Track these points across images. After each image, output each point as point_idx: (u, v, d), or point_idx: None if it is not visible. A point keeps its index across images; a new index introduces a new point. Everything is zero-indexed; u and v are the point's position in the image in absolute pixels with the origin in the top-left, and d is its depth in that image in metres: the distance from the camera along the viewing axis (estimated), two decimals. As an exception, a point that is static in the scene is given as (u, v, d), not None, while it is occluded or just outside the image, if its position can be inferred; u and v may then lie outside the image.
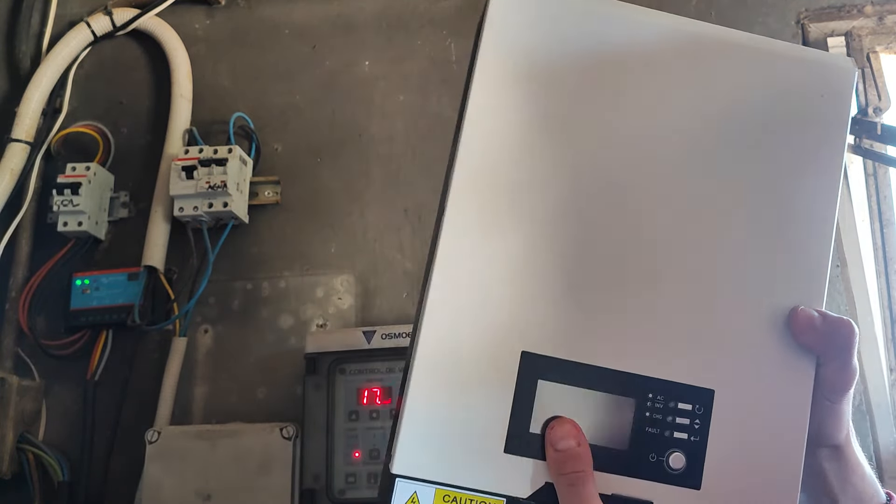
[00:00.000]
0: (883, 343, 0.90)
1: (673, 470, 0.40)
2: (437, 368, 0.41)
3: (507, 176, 0.44)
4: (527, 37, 0.45)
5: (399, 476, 0.39)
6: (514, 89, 0.45)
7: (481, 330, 0.41)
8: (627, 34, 0.46)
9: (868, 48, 0.97)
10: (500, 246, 0.42)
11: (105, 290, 0.95)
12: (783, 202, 0.44)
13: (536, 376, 0.41)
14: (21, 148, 0.97)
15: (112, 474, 0.91)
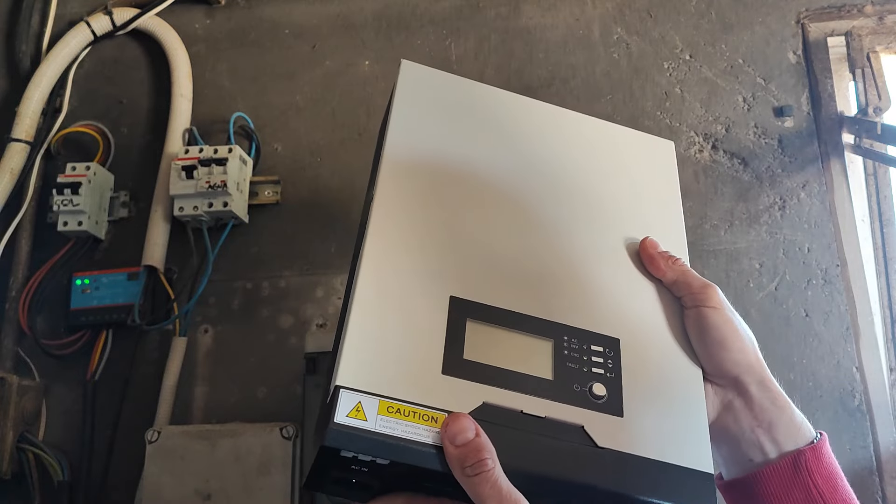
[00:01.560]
0: (883, 343, 0.90)
1: (597, 398, 0.46)
2: (379, 297, 0.46)
3: (431, 169, 0.54)
4: (428, 117, 0.58)
5: (343, 387, 0.41)
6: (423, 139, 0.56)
7: (414, 278, 0.47)
8: (497, 112, 0.61)
9: (868, 48, 0.97)
10: (432, 216, 0.51)
11: (105, 290, 0.95)
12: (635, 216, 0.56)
13: (465, 316, 0.46)
14: (21, 147, 0.98)
15: (112, 474, 0.91)
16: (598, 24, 1.02)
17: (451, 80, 0.61)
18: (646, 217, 0.56)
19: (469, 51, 1.03)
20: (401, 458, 0.40)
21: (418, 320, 0.46)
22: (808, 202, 0.93)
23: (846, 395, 0.86)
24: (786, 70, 0.98)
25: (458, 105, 0.59)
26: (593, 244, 0.53)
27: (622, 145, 0.61)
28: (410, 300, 0.46)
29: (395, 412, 0.41)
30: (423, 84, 0.61)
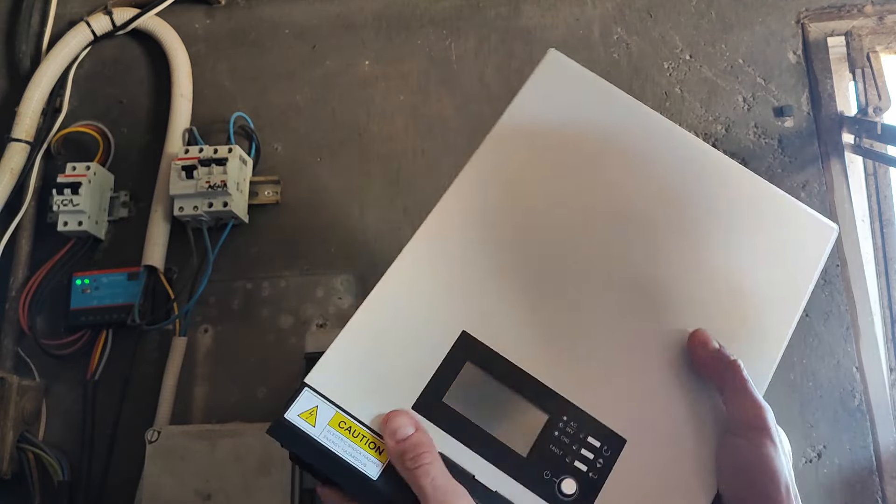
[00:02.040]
0: (883, 343, 0.90)
1: (562, 495, 0.41)
2: (383, 314, 0.43)
3: (494, 200, 0.48)
4: (557, 100, 0.51)
5: (309, 386, 0.41)
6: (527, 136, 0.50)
7: (435, 297, 0.44)
8: (645, 135, 0.51)
9: (868, 48, 0.97)
10: (473, 244, 0.46)
11: (105, 290, 0.95)
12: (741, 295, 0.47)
13: (466, 357, 0.43)
14: (21, 147, 0.97)
15: (112, 474, 0.91)
16: (598, 24, 1.02)
17: (598, 84, 0.53)
18: (745, 310, 0.46)
19: (469, 51, 1.03)
20: (330, 473, 0.40)
21: (416, 347, 0.43)
22: (808, 202, 0.92)
23: (846, 394, 0.86)
24: (786, 70, 0.98)
25: (593, 111, 0.51)
26: (657, 322, 0.45)
27: (768, 211, 0.49)
28: (419, 322, 0.43)
29: (346, 429, 0.41)
30: (562, 78, 0.53)
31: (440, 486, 0.38)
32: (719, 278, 0.47)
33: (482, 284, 0.45)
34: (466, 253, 0.45)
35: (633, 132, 0.50)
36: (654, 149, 0.50)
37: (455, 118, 1.00)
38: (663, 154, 0.50)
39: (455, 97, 1.01)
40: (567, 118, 0.50)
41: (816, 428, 0.86)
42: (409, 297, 0.44)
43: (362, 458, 0.40)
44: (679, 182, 0.49)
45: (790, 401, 0.87)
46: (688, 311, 0.45)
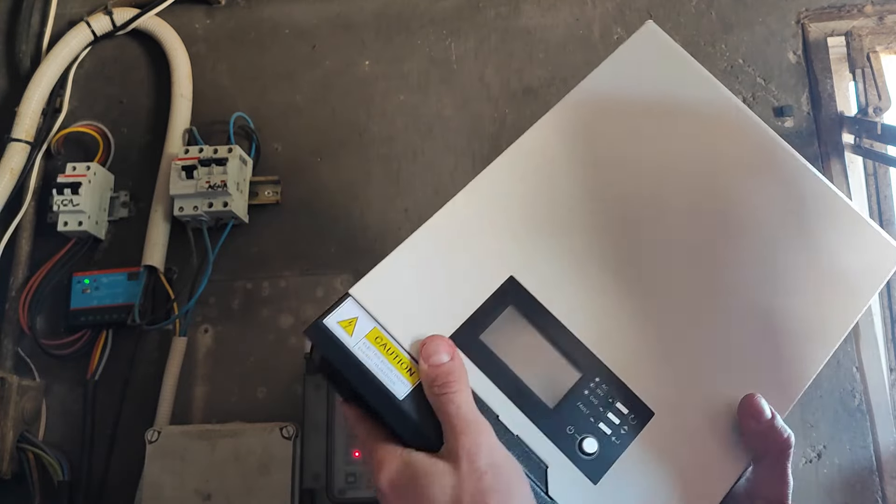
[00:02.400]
0: (883, 343, 0.90)
1: (582, 453, 0.41)
2: (437, 242, 0.44)
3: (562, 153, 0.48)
4: (634, 86, 0.51)
5: (353, 297, 0.42)
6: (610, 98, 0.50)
7: (489, 237, 0.45)
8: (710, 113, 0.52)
9: (868, 48, 0.97)
10: (535, 193, 0.46)
11: (105, 290, 0.95)
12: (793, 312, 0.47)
13: (510, 301, 0.43)
14: (21, 147, 0.97)
15: (112, 474, 0.91)
16: (598, 24, 1.03)
17: (688, 62, 0.54)
18: (793, 319, 0.46)
19: (469, 51, 1.03)
20: (357, 385, 0.40)
21: (463, 281, 0.44)
22: (808, 202, 0.93)
23: (846, 394, 0.86)
24: (786, 70, 0.98)
25: (678, 88, 0.52)
26: (710, 311, 0.45)
27: (838, 224, 0.48)
28: (470, 257, 0.44)
29: (381, 345, 0.41)
30: (653, 50, 0.53)
31: (464, 415, 0.38)
32: (776, 281, 0.47)
33: (537, 235, 0.45)
34: (527, 201, 0.46)
35: (714, 115, 0.51)
36: (735, 138, 0.50)
37: (455, 118, 1.01)
38: (742, 143, 0.50)
39: (455, 97, 1.01)
40: (651, 90, 0.51)
41: (816, 428, 0.86)
42: (464, 232, 0.45)
43: (393, 375, 0.40)
44: (753, 174, 0.49)
45: (790, 401, 0.87)
46: (739, 309, 0.45)
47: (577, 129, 0.48)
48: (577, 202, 0.46)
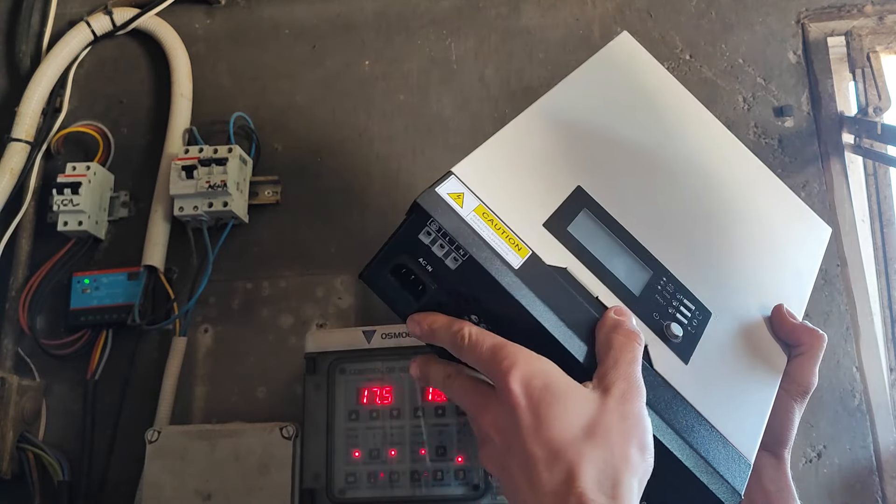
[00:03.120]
0: (883, 343, 0.90)
1: (671, 335, 0.45)
2: (530, 133, 0.48)
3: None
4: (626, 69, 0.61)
5: (455, 175, 0.43)
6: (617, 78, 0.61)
7: (571, 142, 0.50)
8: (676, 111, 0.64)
9: (868, 48, 0.97)
10: (592, 127, 0.53)
11: (105, 290, 0.95)
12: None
13: (582, 206, 0.47)
14: (21, 147, 0.98)
15: (112, 474, 0.91)
16: (599, 24, 1.02)
17: (653, 68, 0.64)
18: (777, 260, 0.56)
19: (469, 51, 1.03)
20: (477, 255, 0.40)
21: (551, 175, 0.47)
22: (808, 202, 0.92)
23: (846, 394, 0.86)
24: (786, 70, 0.98)
25: (641, 90, 0.60)
26: (738, 232, 0.55)
27: (780, 201, 0.62)
28: (556, 154, 0.48)
29: (489, 220, 0.42)
30: (625, 57, 0.62)
31: (635, 368, 0.41)
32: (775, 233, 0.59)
33: (598, 153, 0.51)
34: (590, 125, 0.52)
35: (684, 115, 0.62)
36: (702, 133, 0.62)
37: (455, 118, 1.00)
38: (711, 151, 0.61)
39: (455, 97, 1.01)
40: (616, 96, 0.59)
41: (816, 428, 0.86)
42: (551, 129, 0.49)
43: (504, 247, 0.42)
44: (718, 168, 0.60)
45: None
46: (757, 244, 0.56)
47: (611, 81, 0.58)
48: (618, 142, 0.53)
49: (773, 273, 0.55)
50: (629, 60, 0.62)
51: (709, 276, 0.50)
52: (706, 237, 0.53)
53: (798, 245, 0.59)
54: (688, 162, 0.57)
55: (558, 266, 0.43)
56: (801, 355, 0.50)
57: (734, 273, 0.52)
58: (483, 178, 0.44)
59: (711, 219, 0.54)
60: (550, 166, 0.48)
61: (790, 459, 0.51)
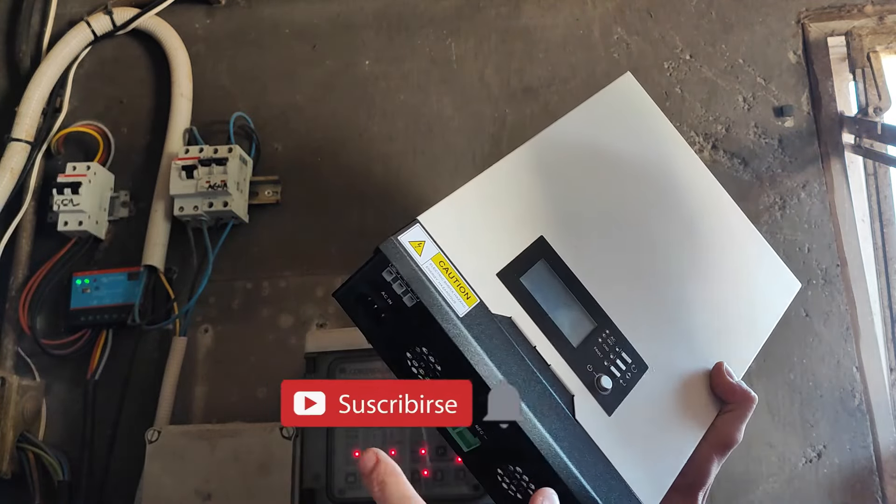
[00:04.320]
0: (883, 343, 0.90)
1: (600, 388, 0.48)
2: (495, 187, 0.51)
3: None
4: (619, 114, 0.62)
5: (421, 223, 0.47)
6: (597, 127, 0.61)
7: (533, 195, 0.52)
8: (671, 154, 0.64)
9: (868, 48, 0.97)
10: (571, 172, 0.55)
11: (105, 290, 0.95)
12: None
13: (540, 257, 0.50)
14: (21, 147, 0.98)
15: (112, 474, 0.91)
16: (599, 24, 1.03)
17: (651, 111, 0.65)
18: (738, 307, 0.58)
19: (469, 51, 1.03)
20: (425, 301, 0.44)
21: (510, 229, 0.50)
22: (808, 202, 0.93)
23: (846, 394, 0.86)
24: (786, 70, 0.98)
25: (636, 132, 0.62)
26: (699, 288, 0.57)
27: (756, 255, 0.64)
28: (516, 208, 0.51)
29: (444, 269, 0.46)
30: (628, 99, 0.64)
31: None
32: (726, 281, 0.60)
33: (569, 204, 0.54)
34: (558, 179, 0.54)
35: (669, 166, 0.62)
36: (683, 184, 0.63)
37: (455, 118, 1.01)
38: (690, 190, 0.63)
39: (455, 97, 1.01)
40: (624, 135, 0.61)
41: (816, 428, 0.86)
42: (515, 184, 0.52)
43: (454, 295, 0.45)
44: (695, 213, 0.62)
45: (790, 401, 0.87)
46: (703, 297, 0.57)
47: (582, 138, 0.58)
48: (591, 193, 0.56)
49: (727, 328, 0.57)
50: (625, 105, 0.64)
51: (655, 331, 0.53)
52: (662, 292, 0.55)
53: (761, 301, 0.61)
54: (661, 216, 0.59)
55: (503, 315, 0.46)
56: (730, 412, 0.52)
57: (684, 328, 0.55)
58: (447, 226, 0.47)
59: (672, 273, 0.56)
60: (519, 215, 0.51)
61: (706, 501, 0.53)
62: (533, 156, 0.54)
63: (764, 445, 0.86)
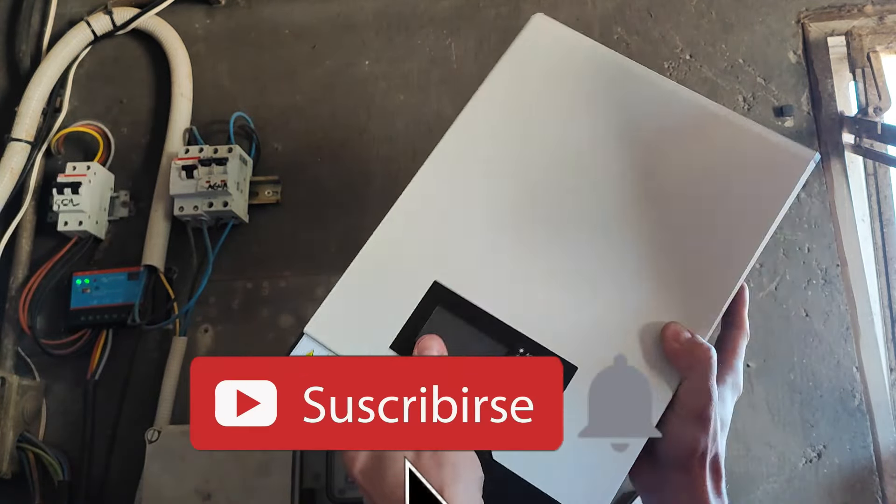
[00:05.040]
0: (883, 343, 0.90)
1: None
2: (371, 268, 0.50)
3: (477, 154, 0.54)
4: (544, 58, 0.56)
5: (307, 334, 0.47)
6: (516, 90, 0.56)
7: (413, 251, 0.51)
8: (624, 85, 0.55)
9: (868, 48, 0.97)
10: (455, 205, 0.52)
11: (105, 290, 0.95)
12: (704, 236, 0.50)
13: (437, 303, 0.48)
14: (21, 147, 0.97)
15: (112, 474, 0.91)
16: (599, 23, 1.02)
17: (579, 44, 0.56)
18: (706, 252, 0.49)
19: (469, 51, 1.03)
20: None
21: (397, 295, 0.49)
22: (808, 202, 0.93)
23: (846, 394, 0.86)
24: (786, 70, 0.98)
25: (571, 72, 0.55)
26: (621, 265, 0.49)
27: (741, 150, 0.52)
28: (400, 273, 0.50)
29: None
30: (545, 44, 0.56)
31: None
32: (681, 217, 0.50)
33: (455, 241, 0.51)
34: (442, 213, 0.52)
35: (616, 88, 0.54)
36: (634, 100, 0.54)
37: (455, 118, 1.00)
38: (644, 104, 0.54)
39: (455, 97, 1.01)
40: (547, 83, 0.55)
41: (816, 428, 0.86)
42: (391, 253, 0.51)
43: None
44: (653, 125, 0.53)
45: (790, 401, 0.87)
46: (649, 252, 0.50)
47: (476, 142, 0.54)
48: (484, 209, 0.52)
49: (682, 279, 0.49)
50: (541, 63, 0.56)
51: (578, 327, 0.48)
52: (587, 278, 0.49)
53: (744, 207, 0.50)
54: (586, 179, 0.51)
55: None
56: (686, 379, 0.46)
57: (619, 309, 0.48)
58: (335, 324, 0.48)
59: (598, 248, 0.49)
60: (409, 270, 0.50)
61: (713, 463, 0.47)
62: (425, 186, 0.52)
63: (764, 445, 0.86)
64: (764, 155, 0.51)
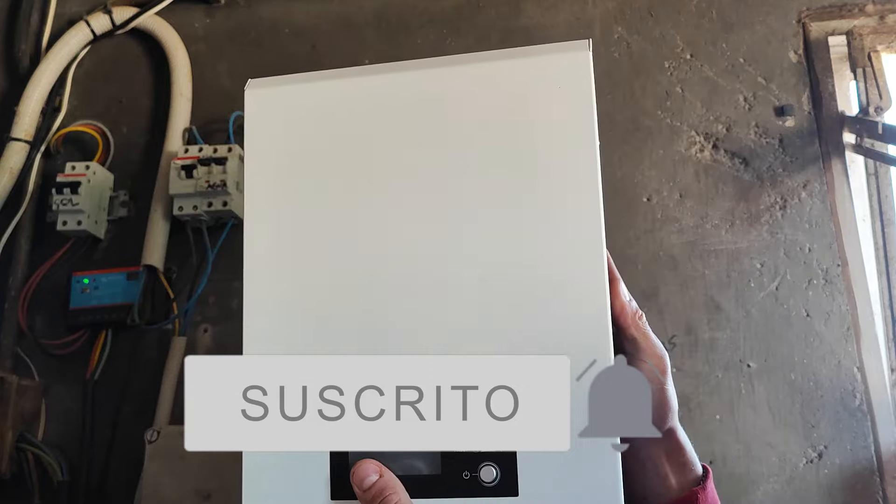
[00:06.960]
0: (884, 342, 0.90)
1: (487, 483, 0.41)
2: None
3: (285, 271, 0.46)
4: (282, 129, 0.48)
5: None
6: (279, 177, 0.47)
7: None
8: (365, 102, 0.51)
9: (869, 47, 0.97)
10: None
11: (104, 290, 0.95)
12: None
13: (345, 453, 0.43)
14: (20, 147, 0.97)
15: (112, 474, 0.91)
16: (599, 23, 1.02)
17: (302, 90, 0.50)
18: (546, 187, 0.44)
19: (469, 50, 1.03)
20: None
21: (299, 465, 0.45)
22: (808, 202, 0.93)
23: (847, 395, 0.86)
24: (787, 69, 0.98)
25: (318, 116, 0.49)
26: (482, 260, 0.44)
27: (516, 84, 0.47)
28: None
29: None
30: (273, 106, 0.49)
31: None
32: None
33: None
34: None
35: (363, 114, 0.50)
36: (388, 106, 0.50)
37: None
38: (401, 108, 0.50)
39: (455, 97, 1.01)
40: (300, 155, 0.48)
41: (817, 428, 0.86)
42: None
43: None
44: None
45: (791, 401, 0.86)
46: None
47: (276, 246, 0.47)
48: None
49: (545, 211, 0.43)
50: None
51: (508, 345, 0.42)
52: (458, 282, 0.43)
53: (556, 132, 0.44)
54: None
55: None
56: (633, 343, 0.44)
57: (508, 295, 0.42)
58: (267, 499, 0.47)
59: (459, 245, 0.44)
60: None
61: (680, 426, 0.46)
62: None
63: (764, 445, 0.85)
64: (543, 74, 0.46)
